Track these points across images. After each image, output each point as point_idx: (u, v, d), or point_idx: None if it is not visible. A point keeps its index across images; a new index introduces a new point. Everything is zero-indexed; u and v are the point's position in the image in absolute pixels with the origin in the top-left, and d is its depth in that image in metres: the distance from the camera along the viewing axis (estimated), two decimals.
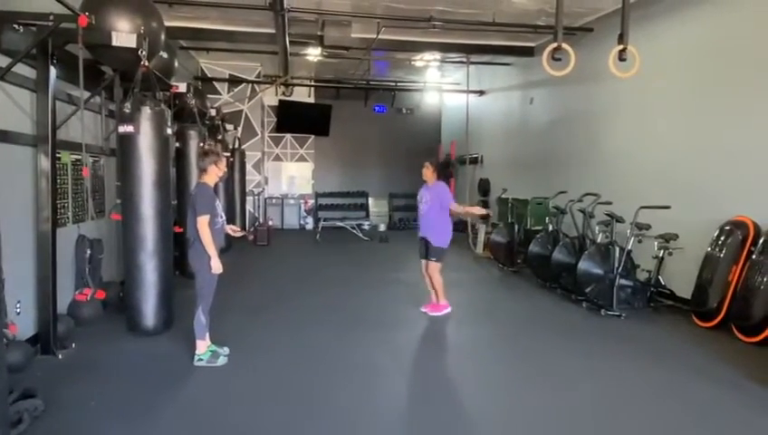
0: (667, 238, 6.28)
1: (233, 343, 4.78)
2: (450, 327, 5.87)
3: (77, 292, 5.47)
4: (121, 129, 5.03)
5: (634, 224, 6.26)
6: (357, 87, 13.31)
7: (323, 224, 13.32)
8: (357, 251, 11.27)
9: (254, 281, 7.95)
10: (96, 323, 5.43)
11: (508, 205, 9.59)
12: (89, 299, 5.38)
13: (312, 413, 3.70)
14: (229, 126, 11.68)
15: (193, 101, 7.82)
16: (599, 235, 6.92)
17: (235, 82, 12.82)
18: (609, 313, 6.10)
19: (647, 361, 4.75)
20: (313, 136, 14.65)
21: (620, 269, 6.18)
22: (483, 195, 12.39)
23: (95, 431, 3.42)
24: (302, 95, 14.21)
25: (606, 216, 6.56)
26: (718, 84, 6.17)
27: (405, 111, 15.60)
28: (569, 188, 7.78)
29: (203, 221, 4.30)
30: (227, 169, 4.73)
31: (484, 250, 10.24)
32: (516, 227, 8.82)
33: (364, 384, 4.22)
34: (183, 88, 7.30)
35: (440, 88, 14.33)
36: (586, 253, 6.43)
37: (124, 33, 4.62)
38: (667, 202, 6.21)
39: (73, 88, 5.17)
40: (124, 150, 5.13)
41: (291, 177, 14.74)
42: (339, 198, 15.14)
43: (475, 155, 12.72)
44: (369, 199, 15.28)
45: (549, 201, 8.10)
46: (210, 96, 11.41)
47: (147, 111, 4.99)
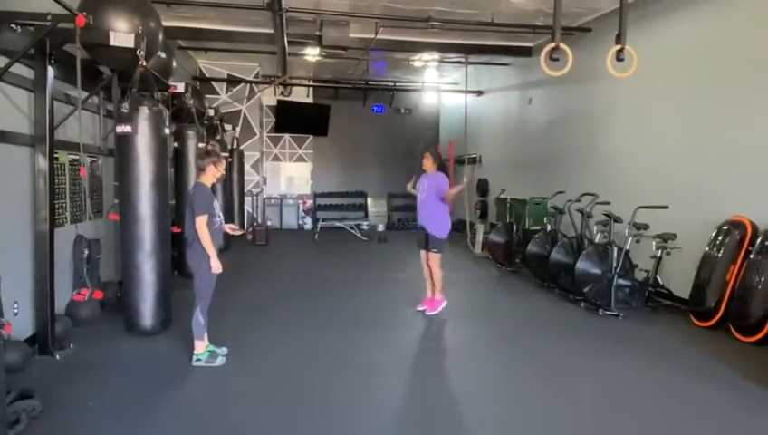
0: (665, 238, 6.29)
1: (231, 343, 4.78)
2: (449, 327, 5.87)
3: (75, 292, 5.46)
4: (119, 129, 5.02)
5: (632, 224, 6.27)
6: (355, 87, 13.31)
7: (322, 224, 13.31)
8: (356, 251, 11.27)
9: (253, 281, 7.94)
10: (94, 323, 5.41)
11: (506, 205, 9.60)
12: (87, 299, 5.37)
13: (311, 413, 3.70)
14: (227, 126, 11.66)
15: (191, 102, 7.83)
16: (597, 235, 6.94)
17: (233, 82, 12.80)
18: (607, 312, 6.11)
19: (645, 360, 4.76)
20: (312, 136, 14.63)
21: (618, 269, 6.19)
22: (481, 195, 12.40)
23: (93, 432, 3.41)
24: (301, 95, 14.20)
25: (604, 216, 6.57)
26: (716, 84, 6.17)
27: (403, 111, 15.59)
28: (567, 188, 7.78)
29: (201, 221, 4.31)
30: (225, 172, 4.73)
31: (482, 250, 10.25)
32: (515, 227, 8.83)
33: (363, 385, 4.22)
34: (181, 88, 7.30)
35: (438, 88, 14.32)
36: (584, 253, 6.43)
37: (122, 33, 4.61)
38: (664, 202, 6.22)
39: (71, 88, 5.16)
40: (122, 150, 5.13)
41: (289, 177, 14.72)
42: (337, 199, 15.13)
43: (474, 155, 12.72)
44: (368, 199, 15.27)
45: (547, 201, 8.11)
46: (208, 96, 11.36)
47: (145, 111, 4.98)
